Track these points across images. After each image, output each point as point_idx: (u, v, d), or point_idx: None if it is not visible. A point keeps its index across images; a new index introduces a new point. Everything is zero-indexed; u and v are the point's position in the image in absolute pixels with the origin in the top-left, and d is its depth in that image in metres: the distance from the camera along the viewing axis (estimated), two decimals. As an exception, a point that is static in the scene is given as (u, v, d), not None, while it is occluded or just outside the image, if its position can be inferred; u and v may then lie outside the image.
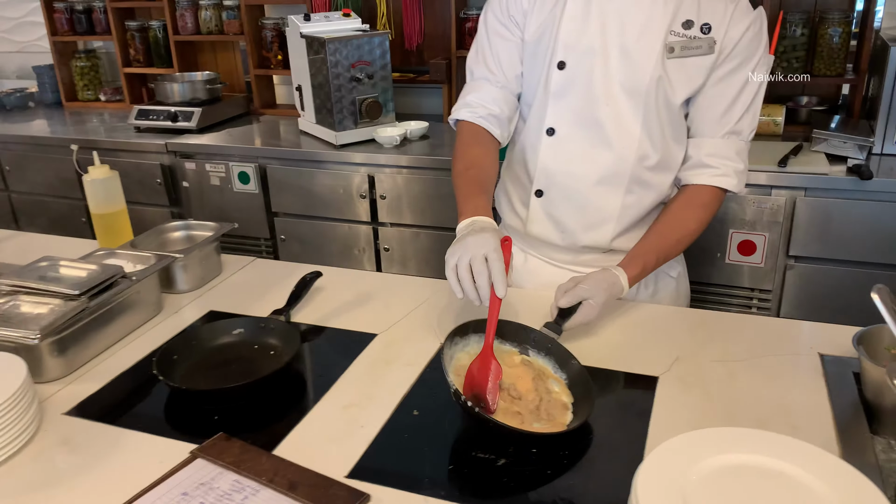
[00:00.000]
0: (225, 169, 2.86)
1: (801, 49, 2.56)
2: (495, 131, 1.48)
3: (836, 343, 1.23)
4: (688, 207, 1.41)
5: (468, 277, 1.17)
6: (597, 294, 1.26)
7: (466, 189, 1.37)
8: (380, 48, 2.73)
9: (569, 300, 1.25)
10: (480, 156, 1.45)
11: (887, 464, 1.01)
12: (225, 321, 1.32)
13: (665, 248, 1.39)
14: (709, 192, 1.40)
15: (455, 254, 1.20)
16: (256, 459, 0.99)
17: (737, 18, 1.33)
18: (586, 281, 1.28)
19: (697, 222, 1.41)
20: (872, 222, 2.17)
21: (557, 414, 1.08)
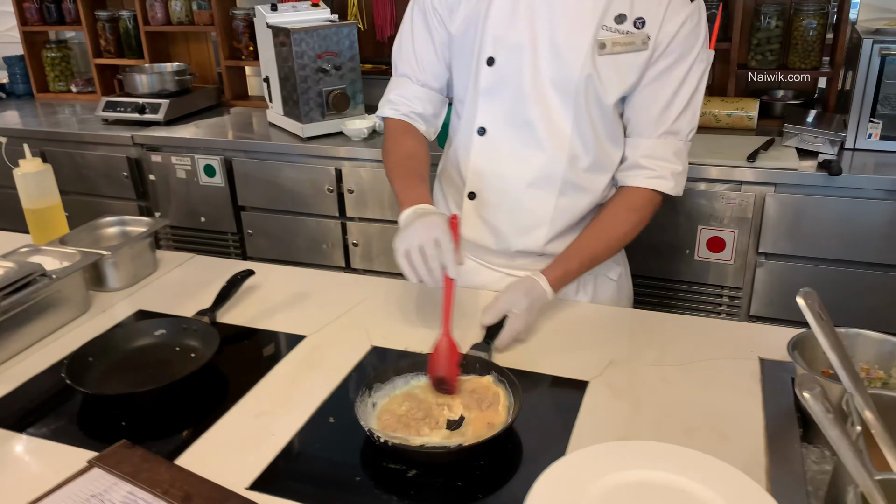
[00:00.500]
0: (190, 162, 2.81)
1: (775, 42, 2.51)
2: (421, 127, 1.46)
3: (777, 346, 1.18)
4: (620, 210, 1.37)
5: (421, 261, 1.16)
6: (517, 302, 1.22)
7: (405, 180, 1.34)
8: (348, 39, 2.67)
9: (492, 316, 1.22)
10: (413, 147, 1.42)
11: (819, 475, 0.96)
12: (147, 322, 1.28)
13: (592, 251, 1.35)
14: (643, 194, 1.35)
15: (405, 240, 1.19)
16: (155, 469, 0.95)
17: (673, 11, 1.26)
18: (505, 292, 1.25)
19: (629, 225, 1.36)
20: (844, 219, 2.12)
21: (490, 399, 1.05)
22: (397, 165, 1.39)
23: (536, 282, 1.27)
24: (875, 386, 1.02)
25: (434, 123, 1.50)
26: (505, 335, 1.21)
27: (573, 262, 1.33)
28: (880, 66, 2.18)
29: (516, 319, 1.21)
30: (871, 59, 2.18)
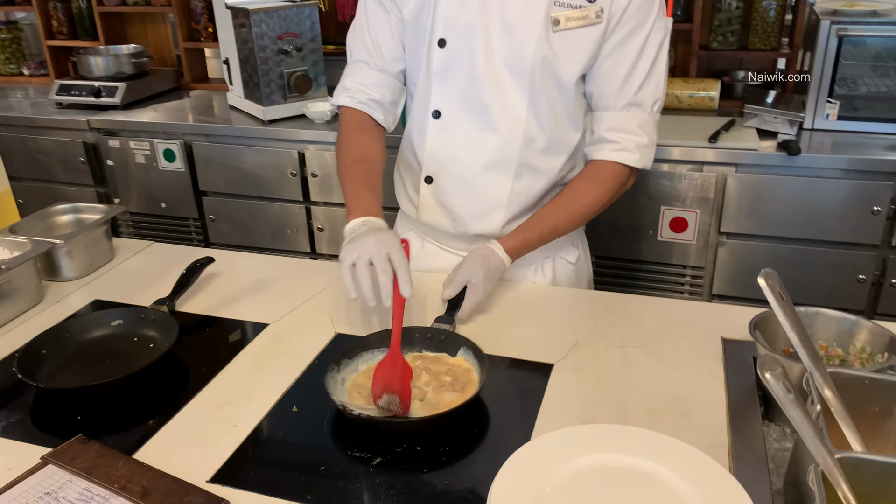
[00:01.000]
0: (150, 146, 2.74)
1: (736, 23, 2.52)
2: (379, 117, 1.43)
3: (739, 326, 1.19)
4: (583, 182, 1.36)
5: (366, 276, 1.13)
6: (475, 272, 1.24)
7: (356, 186, 1.31)
8: (309, 20, 2.62)
9: (452, 290, 1.23)
10: (367, 147, 1.38)
11: (780, 452, 0.98)
12: (103, 312, 1.24)
13: (553, 222, 1.34)
14: (607, 167, 1.34)
15: (353, 252, 1.15)
16: (112, 465, 0.92)
17: None
18: (462, 264, 1.26)
19: (591, 197, 1.35)
20: (802, 198, 2.15)
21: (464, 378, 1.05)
22: (349, 168, 1.35)
23: (492, 250, 1.28)
24: (833, 364, 1.04)
25: (393, 112, 1.46)
26: (466, 306, 1.22)
27: (532, 231, 1.32)
28: (837, 47, 2.20)
29: (475, 290, 1.23)
30: (828, 40, 2.20)
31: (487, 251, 1.28)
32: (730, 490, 0.71)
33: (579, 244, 1.52)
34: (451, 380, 1.06)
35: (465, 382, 1.05)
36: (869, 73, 2.27)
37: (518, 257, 1.31)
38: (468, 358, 1.10)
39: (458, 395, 1.02)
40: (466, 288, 1.23)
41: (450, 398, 1.02)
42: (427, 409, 1.01)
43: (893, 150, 2.12)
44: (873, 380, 0.88)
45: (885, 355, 1.01)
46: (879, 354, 1.02)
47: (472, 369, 1.07)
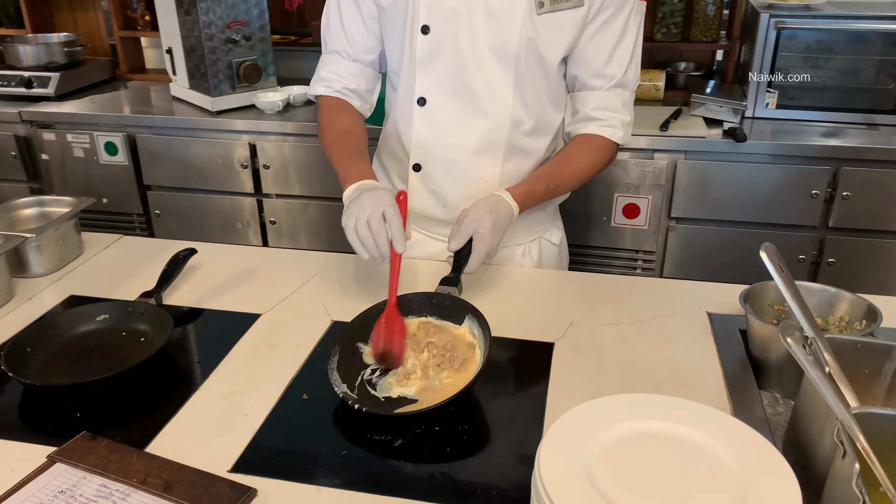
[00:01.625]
0: (89, 139, 2.62)
1: (678, 15, 2.62)
2: (356, 104, 1.44)
3: (722, 301, 1.26)
4: (582, 147, 1.39)
5: (369, 235, 1.15)
6: (482, 220, 1.21)
7: (344, 157, 1.32)
8: (257, 8, 2.57)
9: (458, 241, 1.21)
10: (349, 123, 1.39)
11: (774, 416, 1.04)
12: (87, 307, 1.19)
13: (558, 178, 1.36)
14: (599, 139, 1.39)
15: (352, 214, 1.17)
16: (126, 459, 0.90)
17: None
18: (469, 212, 1.24)
19: (589, 161, 1.39)
20: (747, 183, 2.27)
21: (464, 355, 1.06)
22: (335, 143, 1.36)
23: (500, 197, 1.26)
24: (815, 332, 1.10)
25: (369, 99, 1.47)
26: (474, 258, 1.20)
27: (540, 183, 1.33)
28: (776, 38, 2.32)
29: (482, 239, 1.20)
30: (767, 32, 2.32)
31: (495, 198, 1.25)
32: (760, 446, 0.76)
33: (560, 227, 1.56)
34: (449, 356, 1.07)
35: (463, 360, 1.06)
36: (802, 64, 2.41)
37: (525, 208, 1.30)
38: (473, 329, 1.11)
39: (454, 373, 1.03)
40: (473, 239, 1.21)
41: (448, 378, 1.03)
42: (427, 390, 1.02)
43: (829, 136, 2.26)
44: (865, 343, 0.94)
45: (864, 322, 1.08)
46: (857, 322, 1.09)
47: (476, 345, 1.09)
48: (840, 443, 0.73)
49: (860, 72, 2.36)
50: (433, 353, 1.07)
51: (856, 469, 0.69)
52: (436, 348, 1.07)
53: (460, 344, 1.09)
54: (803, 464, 0.86)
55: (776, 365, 1.07)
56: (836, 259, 2.28)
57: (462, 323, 1.13)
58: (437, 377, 1.04)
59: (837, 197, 2.21)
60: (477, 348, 1.08)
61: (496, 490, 0.86)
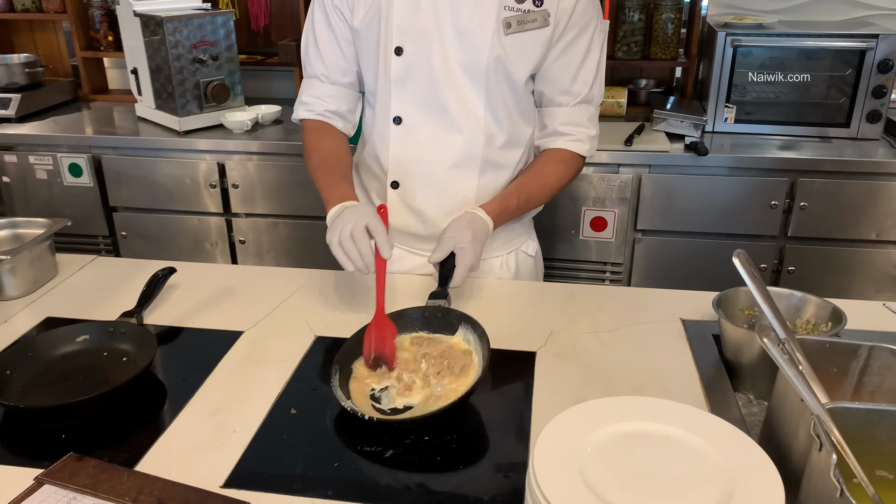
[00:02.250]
0: (52, 161, 2.58)
1: (639, 34, 2.70)
2: (338, 125, 1.47)
3: (694, 308, 1.30)
4: (551, 161, 1.44)
5: (354, 247, 1.18)
6: (462, 235, 1.26)
7: (328, 179, 1.35)
8: (224, 28, 2.57)
9: (439, 254, 1.26)
10: (333, 146, 1.42)
11: (749, 417, 1.08)
12: (66, 328, 1.18)
13: (528, 192, 1.41)
14: (566, 153, 1.44)
15: (336, 229, 1.21)
16: (116, 479, 0.89)
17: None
18: (448, 230, 1.29)
19: (558, 175, 1.44)
20: (709, 195, 2.34)
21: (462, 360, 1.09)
22: (319, 167, 1.39)
23: (476, 214, 1.32)
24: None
25: (351, 119, 1.50)
26: (459, 271, 1.25)
27: (511, 199, 1.38)
28: (733, 56, 2.42)
29: (464, 253, 1.25)
30: (724, 49, 2.41)
31: (470, 215, 1.31)
32: (743, 443, 0.79)
33: (535, 238, 1.60)
34: (447, 363, 1.08)
35: (462, 365, 1.08)
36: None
37: (499, 223, 1.35)
38: (467, 336, 1.14)
39: (455, 379, 1.05)
40: (455, 254, 1.25)
41: (450, 384, 1.05)
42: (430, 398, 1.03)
43: (785, 149, 2.35)
44: (833, 343, 0.99)
45: (829, 325, 1.14)
46: (823, 324, 1.15)
47: (472, 351, 1.11)
48: (817, 436, 0.77)
49: (812, 87, 2.46)
50: (431, 363, 1.09)
51: (833, 460, 0.73)
52: (432, 358, 1.09)
53: (455, 352, 1.11)
54: (780, 460, 0.89)
55: (749, 367, 1.11)
56: (796, 267, 2.37)
57: (456, 332, 1.15)
58: (439, 384, 1.06)
59: (795, 207, 2.29)
60: (474, 354, 1.10)
61: (489, 496, 0.88)
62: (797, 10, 2.74)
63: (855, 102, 2.38)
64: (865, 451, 0.81)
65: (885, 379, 0.97)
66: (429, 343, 1.13)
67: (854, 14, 2.71)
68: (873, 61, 2.32)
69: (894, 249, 2.32)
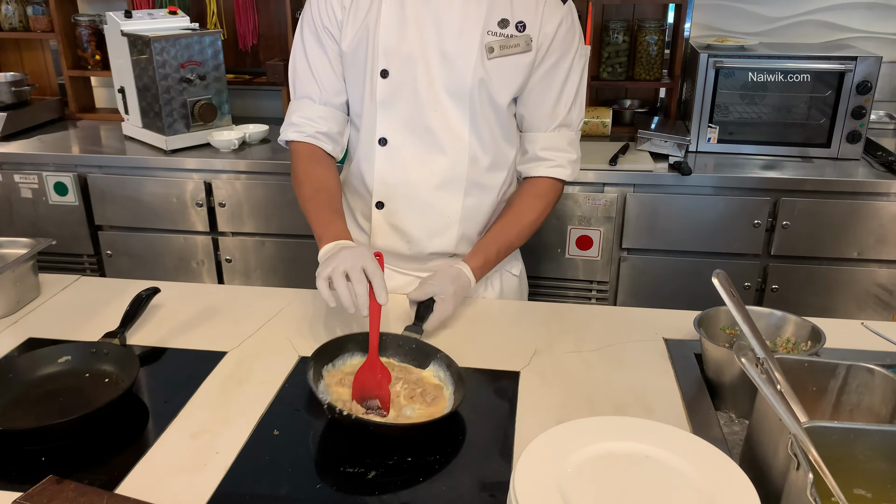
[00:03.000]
0: (38, 180, 2.58)
1: (623, 55, 2.74)
2: (328, 147, 1.46)
3: (677, 327, 1.31)
4: (527, 199, 1.46)
5: (344, 285, 1.16)
6: (444, 288, 1.29)
7: (321, 215, 1.34)
8: (211, 48, 2.59)
9: (420, 293, 1.28)
10: (324, 177, 1.41)
11: (730, 436, 1.08)
12: (47, 349, 1.17)
13: (507, 239, 1.44)
14: (545, 182, 1.46)
15: (329, 265, 1.19)
16: (96, 501, 0.88)
17: (548, 14, 1.36)
18: (433, 278, 1.31)
19: (535, 213, 1.46)
20: (693, 214, 2.36)
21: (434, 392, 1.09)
22: (311, 198, 1.38)
23: (461, 270, 1.34)
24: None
25: (340, 142, 1.49)
26: (434, 319, 1.27)
27: (491, 249, 1.40)
28: (715, 77, 2.45)
29: (444, 304, 1.28)
30: (707, 71, 2.45)
31: (456, 271, 1.34)
32: (722, 464, 0.80)
33: (519, 258, 1.62)
34: (421, 391, 1.09)
35: (434, 396, 1.09)
36: (739, 100, 2.54)
37: (481, 276, 1.38)
38: (438, 372, 1.14)
39: (426, 407, 1.06)
40: (435, 301, 1.28)
41: (420, 409, 1.06)
42: (400, 418, 1.04)
43: (767, 169, 2.38)
44: (811, 363, 1.00)
45: (808, 344, 1.15)
46: (803, 343, 1.16)
47: (442, 386, 1.12)
48: (794, 455, 0.77)
49: (793, 108, 2.50)
50: (404, 387, 1.09)
51: (809, 479, 0.74)
52: (406, 383, 1.10)
53: (426, 384, 1.12)
54: (760, 479, 0.90)
55: (730, 386, 1.12)
56: (780, 285, 2.39)
57: (427, 367, 1.16)
58: (410, 407, 1.06)
59: (778, 226, 2.32)
60: (444, 388, 1.11)
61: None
62: (778, 33, 2.79)
63: (835, 123, 2.42)
64: (843, 470, 0.82)
65: (863, 397, 0.99)
66: (400, 370, 1.14)
67: (833, 37, 2.77)
68: (852, 83, 2.36)
69: (876, 267, 2.35)
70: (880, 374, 0.97)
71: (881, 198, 2.26)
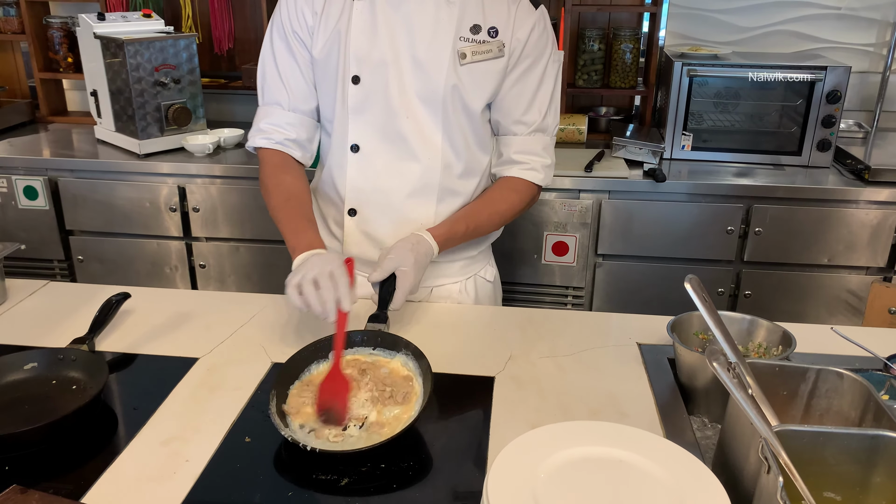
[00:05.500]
0: (7, 183, 2.53)
1: (598, 63, 2.76)
2: (296, 154, 1.45)
3: (650, 332, 1.32)
4: (502, 190, 1.46)
5: (313, 292, 1.15)
6: (404, 258, 1.26)
7: (293, 224, 1.32)
8: (186, 51, 2.56)
9: (380, 273, 1.25)
10: (293, 184, 1.40)
11: (703, 440, 1.09)
12: (13, 355, 1.15)
13: (477, 220, 1.42)
14: (520, 181, 1.45)
15: (298, 272, 1.18)
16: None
17: (521, 19, 1.37)
18: (391, 251, 1.28)
19: (509, 203, 1.45)
20: (667, 221, 2.38)
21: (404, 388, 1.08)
22: (281, 208, 1.36)
23: (421, 237, 1.31)
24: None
25: (309, 149, 1.48)
26: (398, 295, 1.24)
27: (459, 224, 1.38)
28: (689, 85, 2.48)
29: (405, 276, 1.24)
30: (681, 79, 2.48)
31: (416, 238, 1.31)
32: (694, 468, 0.80)
33: (493, 264, 1.61)
34: (390, 392, 1.08)
35: (406, 392, 1.08)
36: (712, 108, 2.58)
37: (445, 248, 1.35)
38: (408, 363, 1.14)
39: (403, 408, 1.05)
40: (396, 276, 1.25)
41: (396, 411, 1.05)
42: (375, 427, 1.03)
43: (740, 176, 2.41)
44: (782, 367, 1.01)
45: (780, 348, 1.16)
46: (774, 348, 1.17)
47: (413, 376, 1.11)
48: (764, 459, 0.78)
49: (765, 116, 2.54)
50: (374, 393, 1.08)
51: (779, 483, 0.74)
52: (375, 384, 1.08)
53: (397, 378, 1.11)
54: (732, 483, 0.91)
55: (703, 391, 1.12)
56: (752, 291, 2.42)
57: (395, 356, 1.15)
58: (388, 409, 1.05)
59: (750, 233, 2.34)
60: (414, 380, 1.10)
61: (444, 523, 0.88)
62: (751, 42, 2.84)
63: (806, 131, 2.46)
64: (813, 474, 0.83)
65: (833, 401, 1.00)
66: (368, 367, 1.13)
67: (804, 46, 2.81)
68: (822, 92, 2.40)
69: (846, 274, 2.38)
70: (849, 379, 0.98)
71: (851, 205, 2.30)
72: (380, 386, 1.09)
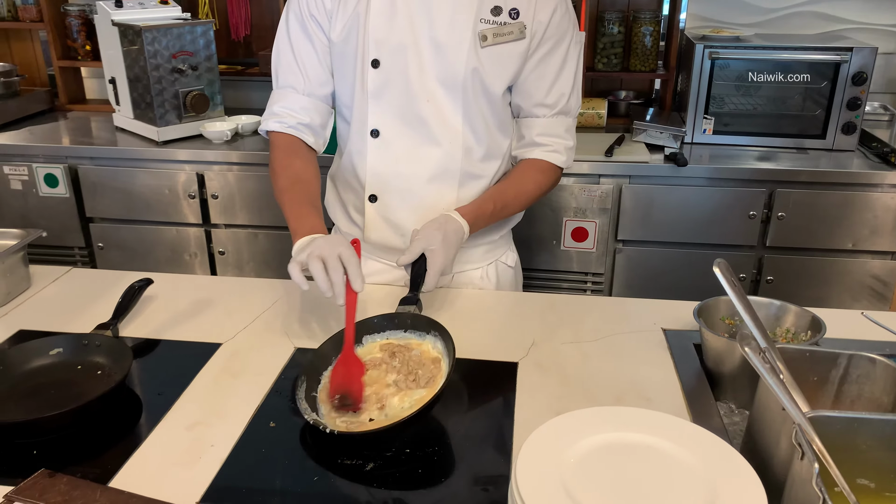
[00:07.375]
0: (28, 171, 2.55)
1: (618, 46, 2.72)
2: (309, 140, 1.43)
3: (675, 318, 1.30)
4: (529, 170, 1.44)
5: (320, 269, 1.13)
6: (432, 237, 1.24)
7: (297, 208, 1.31)
8: (203, 38, 2.56)
9: (408, 256, 1.23)
10: (302, 169, 1.38)
11: (730, 426, 1.08)
12: (38, 341, 1.15)
13: (504, 199, 1.40)
14: (544, 163, 1.44)
15: (304, 251, 1.16)
16: (89, 496, 0.87)
17: (542, 1, 1.34)
18: (419, 233, 1.26)
19: (535, 184, 1.44)
20: (689, 206, 2.35)
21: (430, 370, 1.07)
22: (287, 191, 1.35)
23: (450, 216, 1.30)
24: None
25: (322, 135, 1.46)
26: (430, 275, 1.22)
27: (488, 204, 1.37)
28: (710, 68, 2.44)
29: (435, 256, 1.23)
30: (703, 62, 2.44)
31: (444, 217, 1.29)
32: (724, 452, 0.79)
33: (514, 249, 1.60)
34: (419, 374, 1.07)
35: (431, 376, 1.07)
36: (734, 92, 2.53)
37: (476, 228, 1.33)
38: (436, 345, 1.13)
39: (427, 391, 1.04)
40: (426, 257, 1.23)
41: (420, 394, 1.04)
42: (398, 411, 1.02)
43: (762, 160, 2.37)
44: (813, 352, 0.99)
45: (808, 333, 1.14)
46: (803, 333, 1.15)
47: (441, 359, 1.11)
48: (798, 445, 0.77)
49: (788, 99, 2.50)
50: (399, 375, 1.08)
51: (815, 469, 0.73)
52: (402, 366, 1.08)
53: (425, 360, 1.10)
54: (762, 469, 0.89)
55: (730, 376, 1.11)
56: (775, 276, 2.39)
57: (425, 338, 1.15)
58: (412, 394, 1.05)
59: (773, 217, 2.31)
60: (442, 361, 1.10)
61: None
62: (773, 24, 2.78)
63: (830, 114, 2.42)
64: (846, 460, 0.81)
65: (865, 387, 0.98)
66: (399, 350, 1.12)
67: (829, 28, 2.76)
68: (847, 74, 2.36)
69: (870, 259, 2.35)
70: (882, 364, 0.96)
71: (876, 189, 2.26)
72: (407, 368, 1.08)
